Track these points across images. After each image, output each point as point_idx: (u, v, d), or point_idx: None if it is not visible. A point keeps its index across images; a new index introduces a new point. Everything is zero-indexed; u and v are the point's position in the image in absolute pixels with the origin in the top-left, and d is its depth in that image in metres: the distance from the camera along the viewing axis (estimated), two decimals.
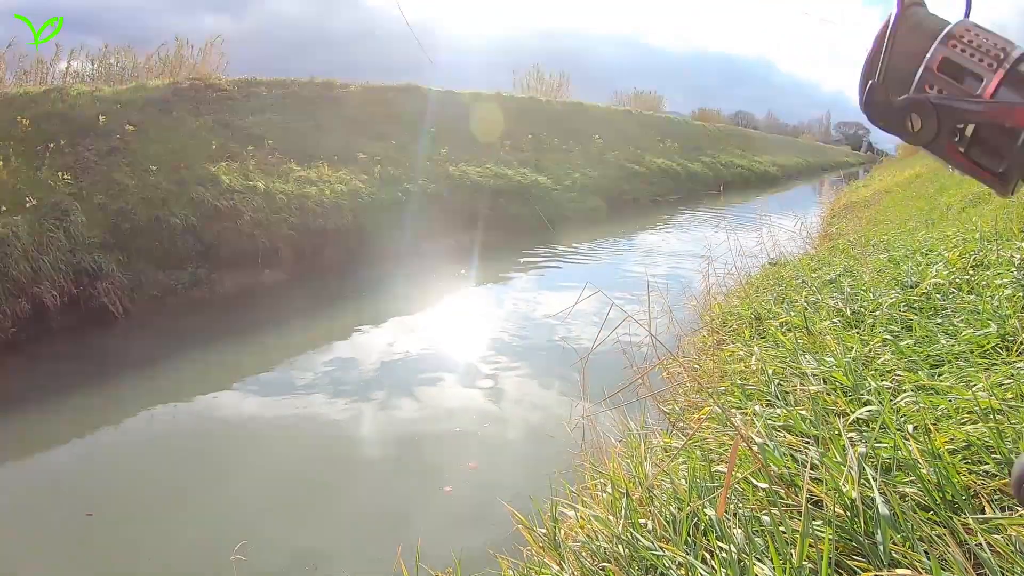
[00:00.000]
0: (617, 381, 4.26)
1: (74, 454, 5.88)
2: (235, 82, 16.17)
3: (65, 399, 6.66)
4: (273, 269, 11.12)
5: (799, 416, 2.75)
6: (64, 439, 6.07)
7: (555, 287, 11.29)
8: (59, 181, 9.94)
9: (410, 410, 6.48)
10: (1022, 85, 0.60)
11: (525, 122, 22.09)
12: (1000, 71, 0.61)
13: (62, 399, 6.65)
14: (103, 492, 5.17)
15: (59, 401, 6.61)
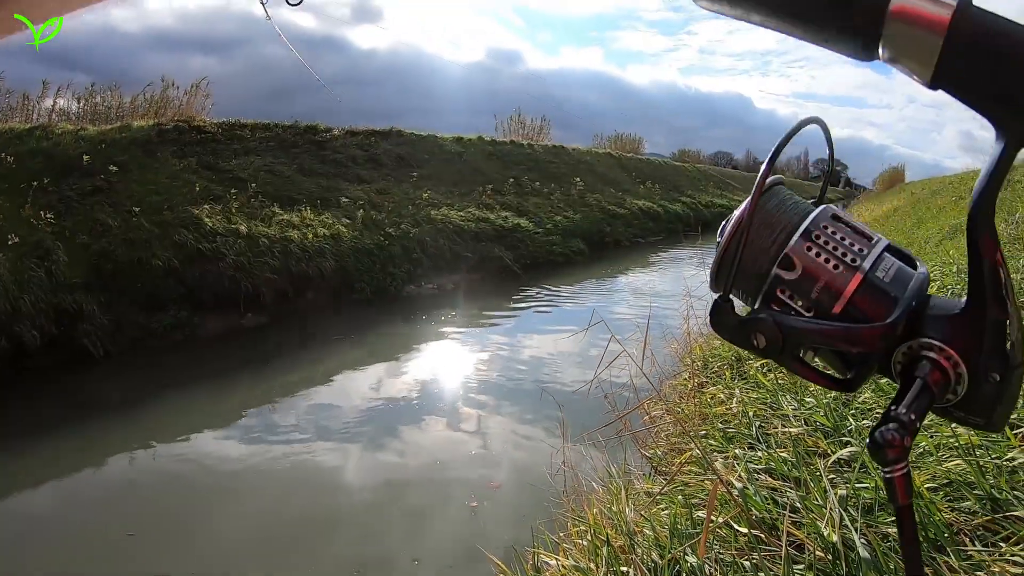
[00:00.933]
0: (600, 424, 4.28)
1: (50, 496, 5.79)
2: (219, 124, 16.31)
3: (43, 440, 6.60)
4: (255, 312, 11.08)
5: (780, 458, 2.76)
6: (41, 480, 5.99)
7: (538, 330, 11.30)
8: (42, 220, 9.95)
9: (393, 455, 6.44)
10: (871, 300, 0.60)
11: (507, 166, 22.30)
12: (856, 277, 0.60)
13: (39, 440, 6.59)
14: (78, 534, 5.10)
15: (36, 442, 6.55)
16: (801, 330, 0.59)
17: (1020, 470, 2.03)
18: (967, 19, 0.48)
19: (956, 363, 0.54)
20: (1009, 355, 0.53)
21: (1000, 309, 0.53)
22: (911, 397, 0.53)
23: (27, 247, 9.25)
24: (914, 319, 0.57)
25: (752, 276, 0.63)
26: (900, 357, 0.57)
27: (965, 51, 0.48)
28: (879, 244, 0.62)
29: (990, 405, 0.54)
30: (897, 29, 0.49)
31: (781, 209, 0.65)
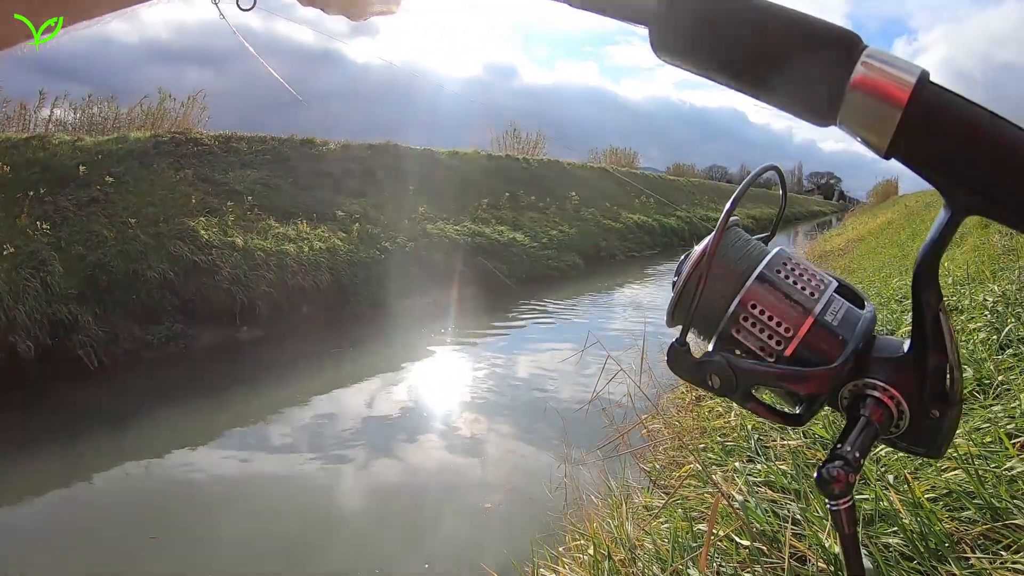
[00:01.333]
0: (598, 439, 4.29)
1: (42, 506, 5.78)
2: (216, 137, 16.32)
3: (36, 450, 6.58)
4: (250, 325, 11.05)
5: (779, 471, 2.77)
6: (33, 490, 5.97)
7: (534, 344, 11.30)
8: (38, 230, 9.94)
9: (391, 470, 6.43)
10: (820, 341, 0.62)
11: (503, 180, 22.32)
12: (807, 320, 0.63)
13: (33, 450, 6.57)
14: (69, 545, 5.09)
15: (30, 452, 6.52)
16: (753, 372, 0.61)
17: (1019, 479, 2.05)
18: (924, 96, 0.50)
19: (898, 402, 0.58)
20: (948, 394, 0.57)
21: (940, 355, 0.57)
22: (855, 435, 0.57)
23: (23, 257, 9.24)
24: (860, 359, 0.60)
25: (708, 316, 0.66)
26: (847, 393, 0.61)
27: (920, 127, 0.50)
28: (830, 286, 0.65)
29: (931, 438, 0.59)
30: (856, 100, 0.51)
31: (739, 251, 0.68)
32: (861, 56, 0.51)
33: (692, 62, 0.57)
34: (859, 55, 0.51)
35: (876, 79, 0.50)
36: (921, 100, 0.50)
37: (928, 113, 0.50)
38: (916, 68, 0.50)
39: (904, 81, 0.50)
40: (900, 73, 0.50)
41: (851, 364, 0.60)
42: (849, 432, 0.58)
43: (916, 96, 0.49)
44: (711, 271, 0.64)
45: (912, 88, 0.49)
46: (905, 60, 0.51)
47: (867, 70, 0.50)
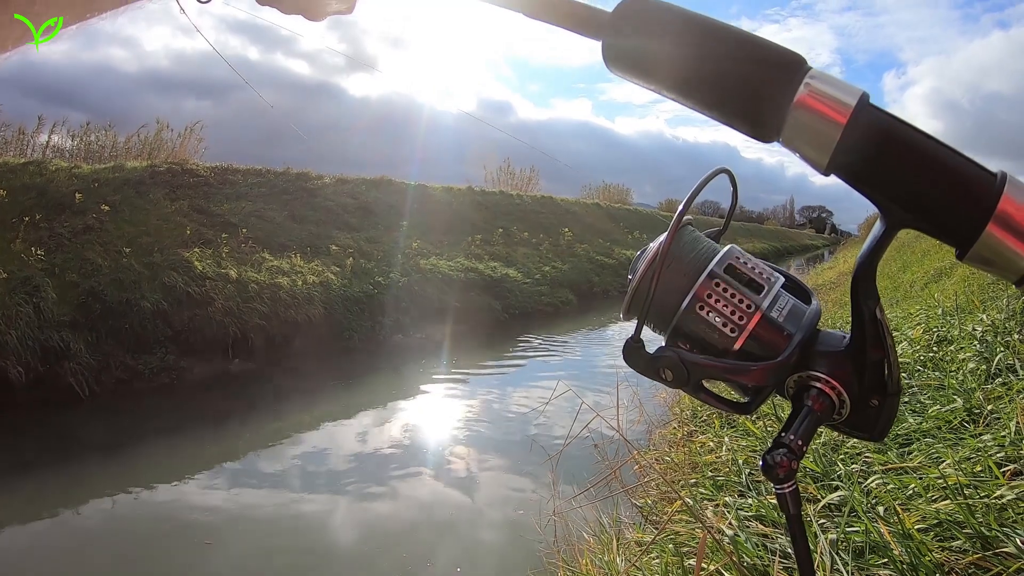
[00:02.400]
0: (590, 475, 4.29)
1: (29, 534, 5.72)
2: (212, 168, 16.39)
3: (25, 477, 6.55)
4: (243, 358, 11.02)
5: (770, 505, 2.79)
6: (20, 518, 5.91)
7: (526, 381, 11.28)
8: (32, 255, 9.95)
9: (381, 506, 6.38)
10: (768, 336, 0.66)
11: (496, 216, 22.44)
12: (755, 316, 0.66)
13: (21, 477, 6.54)
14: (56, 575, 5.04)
15: (18, 479, 6.49)
16: (702, 366, 0.65)
17: (1009, 507, 2.07)
18: (863, 117, 0.53)
19: (839, 392, 0.62)
20: (887, 384, 0.62)
21: (878, 350, 0.61)
22: (798, 423, 0.61)
23: (16, 282, 9.24)
24: (805, 352, 0.64)
25: (662, 311, 0.69)
26: (792, 383, 0.65)
27: (858, 146, 0.54)
28: (777, 283, 0.69)
29: (872, 423, 0.64)
30: (799, 118, 0.54)
31: (691, 249, 0.71)
32: (805, 77, 0.55)
33: (642, 77, 0.60)
34: (803, 76, 0.55)
35: (818, 99, 0.54)
36: (860, 120, 0.53)
37: (866, 133, 0.54)
38: (856, 90, 0.54)
39: (844, 102, 0.53)
40: (841, 94, 0.54)
41: (796, 357, 0.64)
42: (793, 420, 0.62)
43: (855, 117, 0.53)
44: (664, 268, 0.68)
45: (852, 109, 0.53)
46: (846, 83, 0.54)
47: (810, 91, 0.54)
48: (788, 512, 0.62)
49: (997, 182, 0.52)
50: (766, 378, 0.65)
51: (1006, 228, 0.51)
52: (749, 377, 0.65)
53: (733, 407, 0.69)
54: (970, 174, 0.52)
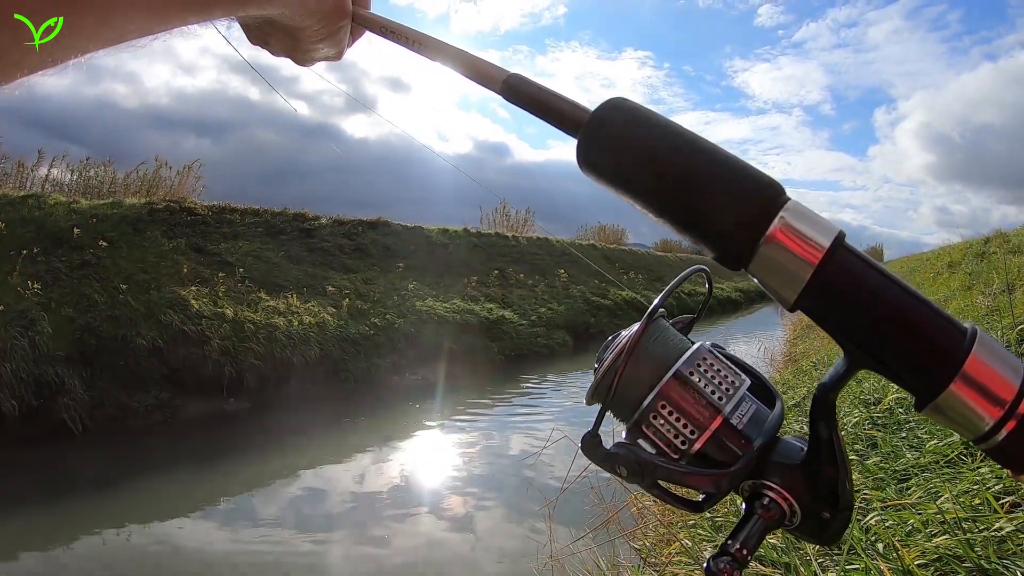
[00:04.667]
0: (586, 518, 4.29)
1: (19, 571, 5.68)
2: (210, 207, 16.44)
3: (16, 512, 6.50)
4: (238, 397, 11.00)
5: (769, 545, 2.79)
6: (10, 553, 5.87)
7: (523, 423, 11.21)
8: (29, 289, 9.97)
9: (376, 549, 6.32)
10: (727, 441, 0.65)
11: (492, 257, 22.47)
12: (716, 419, 0.65)
13: (12, 512, 6.49)
14: None
15: (9, 513, 6.44)
16: (657, 467, 0.64)
17: (1009, 539, 2.08)
18: (835, 261, 0.53)
19: (791, 503, 0.62)
20: (839, 499, 0.61)
21: (832, 470, 0.61)
22: (746, 531, 0.61)
23: (12, 315, 9.25)
24: (762, 458, 0.64)
25: (627, 403, 0.69)
26: (747, 487, 0.65)
27: (826, 289, 0.54)
28: (742, 386, 0.68)
29: (821, 533, 0.64)
30: (768, 254, 0.54)
31: (659, 345, 0.70)
32: (780, 211, 0.54)
33: (612, 184, 0.59)
34: (778, 209, 0.54)
35: (790, 237, 0.53)
36: (831, 265, 0.53)
37: (835, 278, 0.53)
38: (833, 229, 0.54)
39: (817, 243, 0.53)
40: (815, 234, 0.53)
41: (753, 463, 0.64)
42: (743, 527, 0.62)
43: (827, 259, 0.53)
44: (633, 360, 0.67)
45: (824, 251, 0.53)
46: (823, 219, 0.54)
47: (783, 226, 0.53)
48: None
49: (966, 340, 0.52)
50: (718, 487, 0.64)
51: (970, 387, 0.51)
52: (702, 482, 0.65)
53: (686, 505, 0.69)
54: (939, 330, 0.52)
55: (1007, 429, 0.51)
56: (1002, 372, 0.51)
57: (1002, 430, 0.51)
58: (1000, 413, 0.50)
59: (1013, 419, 0.50)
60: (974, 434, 0.52)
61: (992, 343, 0.52)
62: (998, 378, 0.51)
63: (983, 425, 0.51)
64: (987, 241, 18.04)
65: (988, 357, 0.51)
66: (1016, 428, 0.50)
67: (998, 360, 0.51)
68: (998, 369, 0.51)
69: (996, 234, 19.26)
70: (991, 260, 11.92)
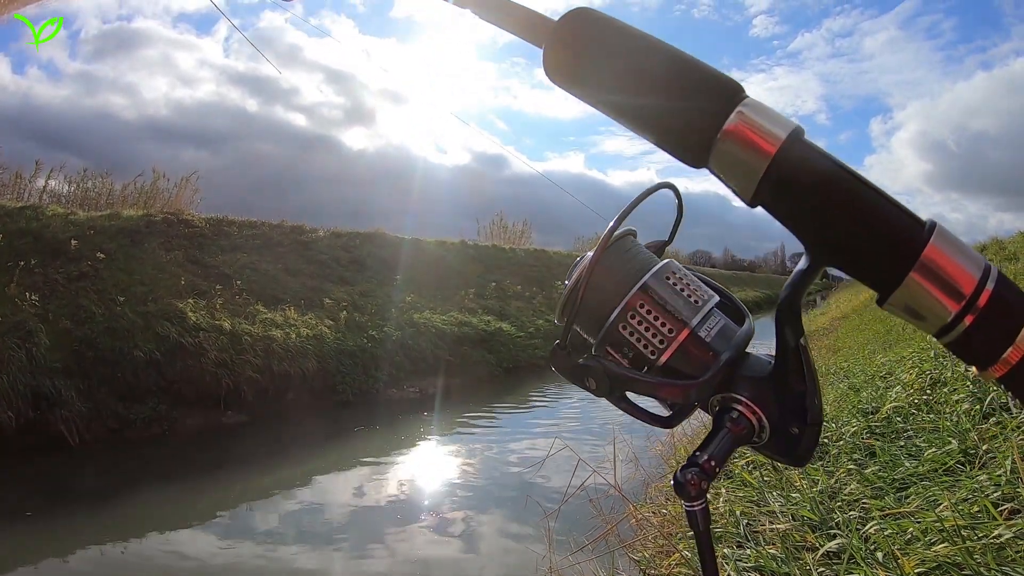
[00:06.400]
0: (586, 529, 4.28)
1: None
2: (207, 219, 16.45)
3: (11, 523, 6.48)
4: (235, 410, 10.97)
5: (769, 555, 2.79)
6: (4, 568, 5.83)
7: (521, 435, 11.17)
8: (26, 301, 9.96)
9: (374, 563, 6.28)
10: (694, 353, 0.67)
11: (489, 269, 22.50)
12: (683, 332, 0.67)
13: (9, 523, 6.46)
14: None
15: (5, 524, 6.42)
16: (626, 378, 0.67)
17: (1007, 546, 2.08)
18: (791, 152, 0.53)
19: (760, 417, 0.64)
20: (808, 414, 0.62)
21: (799, 381, 0.62)
22: (714, 444, 0.63)
23: (9, 326, 9.23)
24: (730, 373, 0.65)
25: (594, 318, 0.71)
26: (716, 402, 0.66)
27: (782, 181, 0.54)
28: (710, 301, 0.70)
29: (791, 450, 0.64)
30: (726, 148, 0.54)
31: (627, 260, 0.72)
32: (738, 106, 0.54)
33: (578, 89, 0.60)
34: (736, 104, 0.54)
35: (747, 129, 0.53)
36: (787, 156, 0.53)
37: (792, 169, 0.53)
38: (790, 124, 0.54)
39: (773, 135, 0.53)
40: (771, 127, 0.53)
41: (720, 377, 0.65)
42: (711, 440, 0.63)
43: (783, 151, 0.53)
44: (598, 276, 0.69)
45: (781, 142, 0.53)
46: (781, 115, 0.54)
47: (740, 120, 0.54)
48: (697, 529, 0.63)
49: (925, 230, 0.52)
50: (687, 396, 0.67)
51: (928, 277, 0.51)
52: (670, 393, 0.67)
53: (655, 420, 0.71)
54: (896, 220, 0.53)
55: (967, 321, 0.51)
56: (962, 264, 0.51)
57: (962, 322, 0.51)
58: (960, 306, 0.51)
59: (972, 312, 0.51)
60: (935, 327, 0.53)
61: (952, 236, 0.52)
62: (958, 270, 0.51)
63: (943, 318, 0.52)
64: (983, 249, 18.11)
65: (947, 248, 0.51)
66: (976, 321, 0.51)
67: (958, 252, 0.52)
68: (958, 261, 0.51)
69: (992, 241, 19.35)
70: None
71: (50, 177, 16.78)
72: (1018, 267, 11.12)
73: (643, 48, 0.57)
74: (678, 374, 0.67)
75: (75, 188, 17.46)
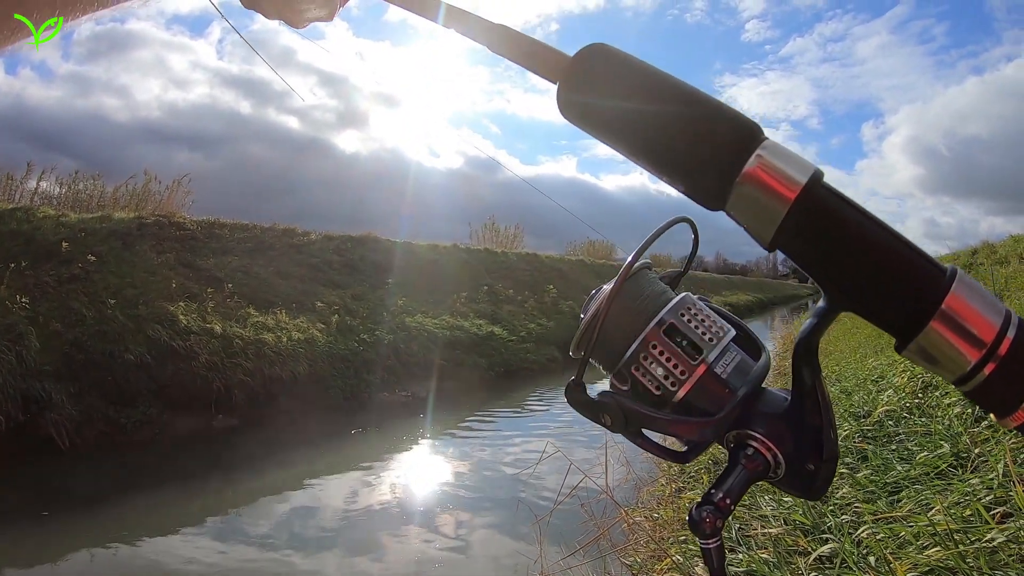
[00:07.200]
0: (578, 534, 4.27)
1: None
2: (199, 222, 16.41)
3: (1, 528, 6.42)
4: (226, 414, 10.91)
5: (761, 560, 2.79)
6: None
7: (513, 439, 11.17)
8: (16, 303, 9.89)
9: (366, 567, 6.27)
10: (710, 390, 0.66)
11: (481, 273, 22.48)
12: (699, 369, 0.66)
13: None
14: None
15: None
16: (642, 415, 0.66)
17: (1000, 550, 2.08)
18: (811, 198, 0.53)
19: (775, 454, 0.63)
20: (823, 450, 0.61)
21: (816, 418, 0.61)
22: (730, 481, 0.62)
23: None
24: (747, 409, 0.65)
25: (610, 352, 0.70)
26: (731, 437, 0.65)
27: (802, 227, 0.53)
28: (727, 336, 0.69)
29: (807, 485, 0.63)
30: (745, 192, 0.54)
31: (644, 294, 0.71)
32: (757, 148, 0.54)
33: (592, 128, 0.60)
34: (755, 147, 0.54)
35: (767, 174, 0.53)
36: (808, 200, 0.53)
37: (811, 215, 0.53)
38: (809, 168, 0.53)
39: (794, 180, 0.53)
40: (791, 171, 0.53)
41: (737, 413, 0.64)
42: (727, 477, 0.63)
43: (803, 197, 0.52)
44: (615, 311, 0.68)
45: (801, 187, 0.52)
46: (801, 158, 0.54)
47: (760, 163, 0.53)
48: (712, 566, 0.62)
49: (946, 278, 0.51)
50: (703, 434, 0.66)
51: (949, 325, 0.50)
52: (686, 431, 0.67)
53: (671, 456, 0.71)
54: (918, 267, 0.52)
55: (987, 370, 0.51)
56: (983, 312, 0.51)
57: (982, 371, 0.51)
58: (980, 354, 0.50)
59: (993, 360, 0.50)
60: (954, 375, 0.52)
61: (973, 282, 0.52)
62: (979, 318, 0.51)
63: (963, 366, 0.51)
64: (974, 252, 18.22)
65: (968, 296, 0.51)
66: (996, 369, 0.50)
67: (979, 300, 0.51)
68: (979, 309, 0.51)
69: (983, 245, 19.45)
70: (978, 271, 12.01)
71: (41, 179, 16.82)
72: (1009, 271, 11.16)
73: (660, 87, 0.57)
74: (694, 410, 0.67)
75: (66, 190, 17.46)
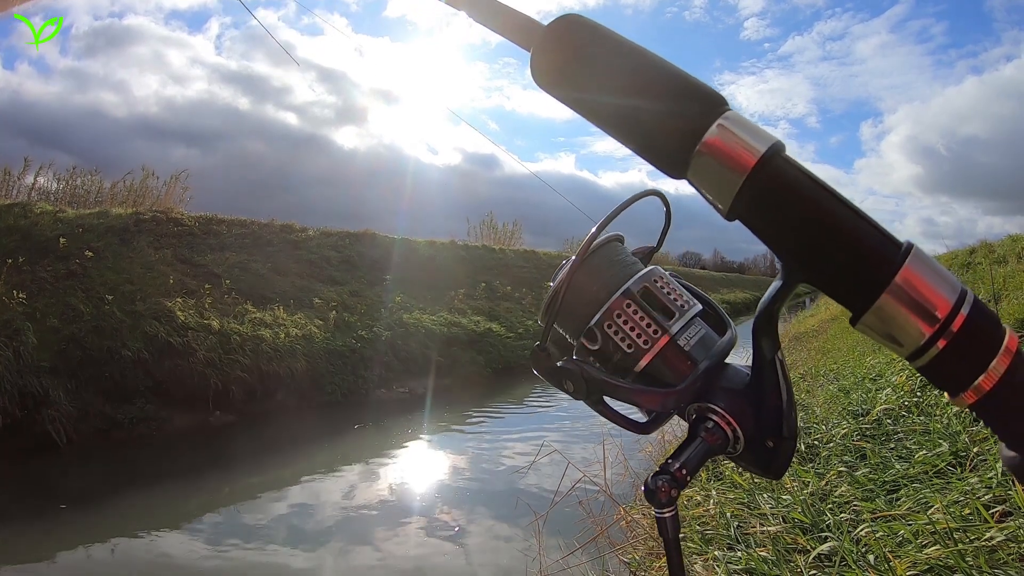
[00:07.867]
0: (576, 531, 4.27)
1: None
2: (197, 218, 16.43)
3: None
4: (223, 410, 10.91)
5: (760, 558, 2.79)
6: None
7: (510, 436, 11.15)
8: (14, 299, 9.89)
9: (364, 563, 6.26)
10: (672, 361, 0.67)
11: (478, 270, 22.49)
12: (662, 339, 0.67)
13: None
14: None
15: None
16: (602, 383, 0.67)
17: (999, 548, 2.08)
18: (770, 167, 0.53)
19: (735, 428, 0.63)
20: (783, 428, 0.62)
21: (775, 396, 0.62)
22: (687, 452, 0.63)
23: None
24: (708, 383, 0.66)
25: (575, 320, 0.71)
26: (692, 410, 0.66)
27: (758, 197, 0.53)
28: (692, 309, 0.70)
29: (766, 463, 0.64)
30: (704, 160, 0.54)
31: (611, 265, 0.72)
32: (719, 118, 0.54)
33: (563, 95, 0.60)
34: (717, 116, 0.54)
35: (726, 143, 0.53)
36: (765, 171, 0.53)
37: (768, 184, 0.53)
38: (770, 138, 0.53)
39: (752, 149, 0.53)
40: (751, 140, 0.53)
41: (698, 385, 0.65)
42: (685, 448, 0.63)
43: (760, 166, 0.52)
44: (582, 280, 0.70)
45: (759, 158, 0.52)
46: (762, 129, 0.54)
47: (720, 132, 0.53)
48: (666, 535, 0.63)
49: (900, 252, 0.51)
50: (664, 405, 0.67)
51: (902, 299, 0.51)
52: (647, 400, 0.67)
53: (631, 425, 0.71)
54: (872, 240, 0.52)
55: (940, 344, 0.50)
56: (937, 287, 0.51)
57: (936, 345, 0.50)
58: (933, 329, 0.50)
59: (946, 336, 0.50)
60: (907, 350, 0.52)
61: (928, 258, 0.52)
62: (932, 293, 0.51)
63: (916, 340, 0.51)
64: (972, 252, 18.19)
65: (923, 271, 0.51)
66: (949, 345, 0.50)
67: (933, 275, 0.51)
68: (933, 284, 0.51)
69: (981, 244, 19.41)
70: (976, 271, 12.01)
71: (39, 174, 16.83)
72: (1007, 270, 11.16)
73: (628, 56, 0.57)
74: (656, 381, 0.68)
75: (64, 186, 17.50)
